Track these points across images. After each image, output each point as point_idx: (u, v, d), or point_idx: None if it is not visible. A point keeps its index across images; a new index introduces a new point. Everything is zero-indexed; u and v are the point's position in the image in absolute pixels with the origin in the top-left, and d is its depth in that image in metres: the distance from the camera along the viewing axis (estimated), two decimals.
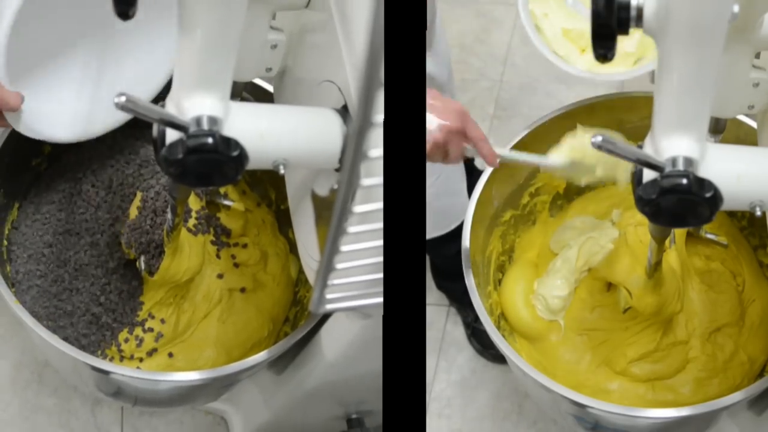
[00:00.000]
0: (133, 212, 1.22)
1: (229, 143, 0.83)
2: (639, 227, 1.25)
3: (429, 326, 1.76)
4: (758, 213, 0.89)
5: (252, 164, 0.85)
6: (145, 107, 0.81)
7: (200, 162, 0.83)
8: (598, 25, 0.79)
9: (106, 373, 1.15)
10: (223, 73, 0.86)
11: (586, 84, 1.25)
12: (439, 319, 1.78)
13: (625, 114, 1.26)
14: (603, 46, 0.81)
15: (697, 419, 1.10)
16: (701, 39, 0.79)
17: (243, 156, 0.83)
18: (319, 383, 1.25)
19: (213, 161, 0.83)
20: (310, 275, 1.04)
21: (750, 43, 0.92)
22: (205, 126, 0.83)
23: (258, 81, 1.22)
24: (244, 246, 1.32)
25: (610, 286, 1.27)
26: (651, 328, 1.24)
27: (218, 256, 1.30)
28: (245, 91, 1.12)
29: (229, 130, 0.84)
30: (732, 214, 1.33)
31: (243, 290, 1.30)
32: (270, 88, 1.21)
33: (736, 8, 0.77)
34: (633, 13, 0.80)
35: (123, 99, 0.78)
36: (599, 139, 0.82)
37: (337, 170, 0.92)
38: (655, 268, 1.14)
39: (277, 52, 1.02)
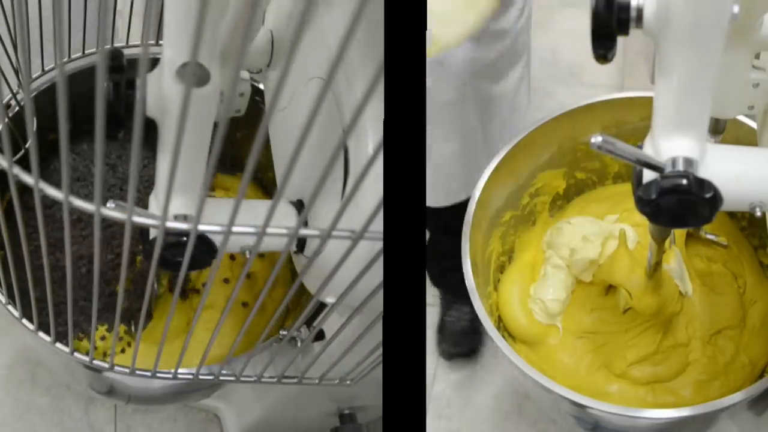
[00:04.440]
0: None
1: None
2: (638, 228, 1.24)
3: (429, 326, 1.75)
4: (758, 214, 0.89)
5: None
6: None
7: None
8: (598, 25, 0.79)
9: (98, 371, 1.14)
10: None
11: (586, 85, 1.25)
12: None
13: (625, 114, 1.26)
14: (603, 46, 0.81)
15: (697, 420, 1.09)
16: (701, 40, 0.78)
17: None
18: None
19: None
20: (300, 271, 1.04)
21: (750, 43, 0.91)
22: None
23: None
24: (261, 255, 1.31)
25: (608, 289, 1.27)
26: (651, 330, 1.23)
27: (232, 258, 1.28)
28: None
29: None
30: (732, 215, 1.33)
31: (245, 305, 1.28)
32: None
33: (736, 9, 0.77)
34: (633, 13, 0.79)
35: (600, 140, 0.80)
36: (599, 139, 0.82)
37: None
38: (654, 269, 1.14)
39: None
